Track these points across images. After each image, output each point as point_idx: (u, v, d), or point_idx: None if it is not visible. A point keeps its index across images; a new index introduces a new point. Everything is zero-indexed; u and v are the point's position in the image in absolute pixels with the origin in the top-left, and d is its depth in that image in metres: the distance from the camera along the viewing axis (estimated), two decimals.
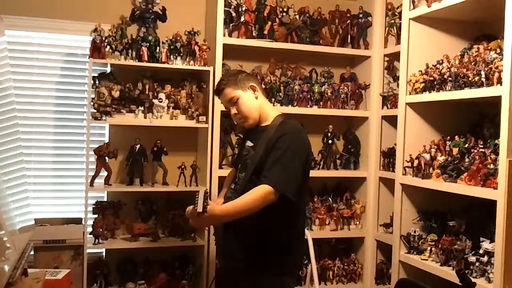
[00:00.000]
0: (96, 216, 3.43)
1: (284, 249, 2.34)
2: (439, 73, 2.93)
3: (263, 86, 3.61)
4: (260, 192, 2.18)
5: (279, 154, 2.24)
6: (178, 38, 3.51)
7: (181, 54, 3.51)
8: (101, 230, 3.40)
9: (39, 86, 3.58)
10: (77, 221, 3.45)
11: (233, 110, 2.45)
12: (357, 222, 3.89)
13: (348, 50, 3.91)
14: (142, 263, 3.58)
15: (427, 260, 2.94)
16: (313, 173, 2.96)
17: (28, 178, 3.46)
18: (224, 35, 3.53)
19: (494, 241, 2.45)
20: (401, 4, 3.26)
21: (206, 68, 3.50)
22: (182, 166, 3.53)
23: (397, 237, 3.17)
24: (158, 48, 3.46)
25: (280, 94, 3.71)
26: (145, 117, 3.46)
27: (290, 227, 2.36)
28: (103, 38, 3.34)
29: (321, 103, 3.80)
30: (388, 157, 3.68)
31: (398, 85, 3.40)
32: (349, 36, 3.91)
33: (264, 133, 2.37)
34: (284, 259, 2.34)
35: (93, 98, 3.34)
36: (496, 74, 2.50)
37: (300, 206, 2.39)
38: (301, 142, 2.33)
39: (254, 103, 2.44)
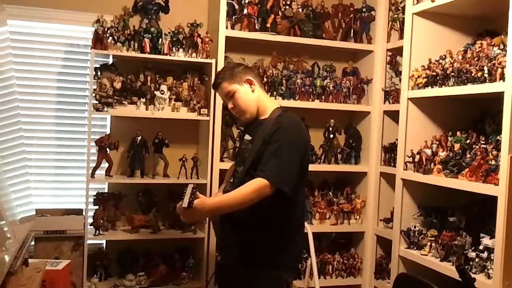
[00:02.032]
0: (96, 207, 3.44)
1: (282, 242, 2.34)
2: (441, 68, 2.92)
3: (265, 80, 3.61)
4: (255, 185, 2.18)
5: (276, 148, 2.24)
6: (181, 30, 3.50)
7: (183, 46, 3.50)
8: (101, 221, 3.41)
9: (41, 77, 3.58)
10: (78, 212, 3.46)
11: (230, 104, 2.46)
12: (357, 217, 3.90)
13: (350, 44, 3.89)
14: (142, 255, 3.59)
15: (427, 255, 2.94)
16: (313, 167, 2.96)
17: (29, 169, 3.46)
18: (226, 28, 3.52)
19: (494, 237, 2.46)
20: None
21: (208, 60, 3.49)
22: (183, 159, 3.53)
23: (397, 232, 3.18)
24: (160, 39, 3.45)
25: (282, 87, 3.70)
26: (146, 109, 3.46)
27: (287, 221, 2.36)
28: (106, 29, 3.34)
29: (323, 97, 3.79)
30: (389, 152, 3.67)
31: (400, 80, 3.40)
32: (352, 30, 3.90)
33: (262, 126, 2.37)
34: (282, 252, 2.34)
35: (95, 89, 3.33)
36: (499, 70, 2.49)
37: (298, 200, 2.38)
38: (299, 135, 2.33)
39: (251, 97, 2.43)
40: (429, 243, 2.97)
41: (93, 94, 3.32)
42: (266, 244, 2.32)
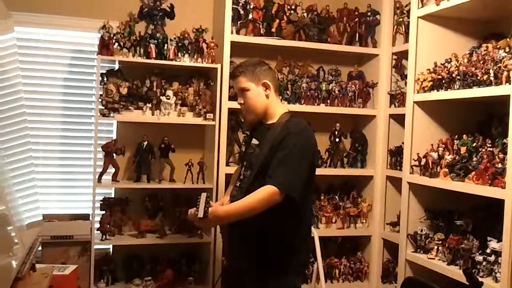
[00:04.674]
0: (103, 212, 3.45)
1: (289, 248, 2.34)
2: (447, 72, 2.91)
3: None
4: (265, 192, 2.19)
5: (284, 154, 2.24)
6: (186, 35, 3.52)
7: (189, 52, 3.52)
8: (108, 226, 3.42)
9: (47, 83, 3.60)
10: (85, 217, 3.47)
11: (240, 100, 2.47)
12: (364, 221, 3.89)
13: (356, 48, 3.90)
14: (148, 260, 3.60)
15: (433, 259, 2.93)
16: (320, 171, 2.95)
17: (36, 174, 3.48)
18: (232, 33, 3.53)
19: (501, 240, 2.44)
20: (410, 2, 3.26)
21: (213, 65, 3.50)
22: (189, 163, 3.54)
23: (404, 235, 3.17)
24: (166, 45, 3.47)
25: (288, 92, 3.71)
26: (152, 114, 3.47)
27: (296, 226, 2.36)
28: (111, 35, 3.36)
29: (329, 101, 3.79)
30: (396, 155, 3.67)
31: (406, 83, 3.39)
32: (357, 34, 3.91)
33: (270, 131, 2.37)
34: (290, 258, 2.34)
35: (101, 95, 3.35)
36: (505, 73, 2.48)
37: (306, 205, 2.39)
38: (307, 140, 2.32)
39: (262, 100, 2.43)
40: (436, 247, 2.96)
41: (100, 100, 3.33)
42: (275, 249, 2.32)
